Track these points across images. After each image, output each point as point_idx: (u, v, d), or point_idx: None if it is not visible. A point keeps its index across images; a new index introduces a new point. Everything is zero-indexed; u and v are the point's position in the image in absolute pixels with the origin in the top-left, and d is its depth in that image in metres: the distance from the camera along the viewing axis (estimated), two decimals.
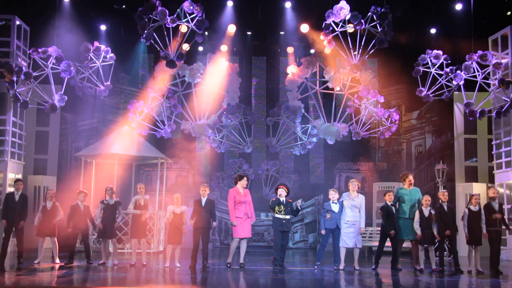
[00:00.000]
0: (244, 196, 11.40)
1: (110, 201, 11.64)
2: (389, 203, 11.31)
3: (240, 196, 11.37)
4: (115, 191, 11.95)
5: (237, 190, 11.44)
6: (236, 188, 11.49)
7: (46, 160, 16.45)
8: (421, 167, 18.59)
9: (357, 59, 15.00)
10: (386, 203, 11.35)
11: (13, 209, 11.33)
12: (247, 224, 11.37)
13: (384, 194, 11.57)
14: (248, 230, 11.38)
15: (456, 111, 16.27)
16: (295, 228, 17.27)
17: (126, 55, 17.83)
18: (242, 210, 11.32)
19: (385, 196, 11.42)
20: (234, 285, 9.44)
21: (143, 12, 13.82)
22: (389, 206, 11.30)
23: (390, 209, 11.28)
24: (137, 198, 11.56)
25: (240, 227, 11.28)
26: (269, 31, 17.70)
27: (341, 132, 17.03)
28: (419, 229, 10.98)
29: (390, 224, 11.22)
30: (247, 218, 11.36)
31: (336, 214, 11.16)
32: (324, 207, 11.38)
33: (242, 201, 11.33)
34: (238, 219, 11.26)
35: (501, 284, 9.83)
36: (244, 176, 11.65)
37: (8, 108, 14.66)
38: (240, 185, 11.48)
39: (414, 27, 16.74)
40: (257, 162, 18.83)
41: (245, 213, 11.32)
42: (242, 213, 11.30)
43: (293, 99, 17.66)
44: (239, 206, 11.31)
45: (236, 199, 11.31)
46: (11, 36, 14.72)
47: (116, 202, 11.67)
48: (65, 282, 9.40)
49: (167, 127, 16.59)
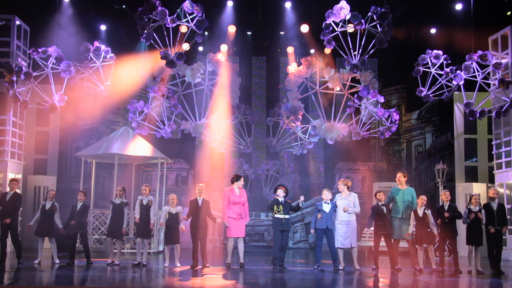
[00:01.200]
0: (238, 197, 11.42)
1: (116, 201, 11.65)
2: (380, 203, 11.29)
3: (234, 196, 11.39)
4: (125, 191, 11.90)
5: (232, 190, 11.46)
6: (232, 188, 11.51)
7: (46, 160, 16.45)
8: (421, 167, 18.59)
9: (357, 59, 15.00)
10: (377, 203, 11.33)
11: (5, 208, 11.41)
12: (241, 224, 11.38)
13: (375, 193, 11.54)
14: (241, 230, 11.39)
15: (456, 111, 16.27)
16: (295, 228, 17.27)
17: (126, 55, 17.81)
18: (235, 211, 11.32)
19: (376, 195, 11.40)
20: (234, 285, 9.43)
21: (143, 12, 13.81)
22: (379, 206, 11.28)
23: (380, 209, 11.24)
24: (140, 199, 11.57)
25: (234, 227, 11.30)
26: (269, 31, 17.70)
27: (341, 132, 17.03)
28: (412, 228, 10.98)
29: (380, 224, 11.19)
30: (241, 218, 11.36)
31: (327, 214, 11.12)
32: (316, 207, 11.37)
33: (237, 201, 11.35)
34: (231, 219, 11.30)
35: (501, 284, 9.83)
36: (241, 177, 11.68)
37: (8, 108, 14.66)
38: (236, 185, 11.50)
39: (414, 27, 16.74)
40: (257, 162, 18.83)
41: (238, 214, 11.33)
42: (236, 213, 11.32)
43: (293, 99, 17.66)
44: (232, 206, 11.33)
45: (230, 199, 11.35)
46: (11, 36, 14.73)
47: (122, 202, 11.66)
48: (65, 282, 9.39)
49: (167, 127, 16.58)
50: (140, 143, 14.91)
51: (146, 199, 11.54)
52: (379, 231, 11.24)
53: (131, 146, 14.52)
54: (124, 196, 11.74)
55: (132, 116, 16.30)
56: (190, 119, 17.16)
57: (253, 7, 16.48)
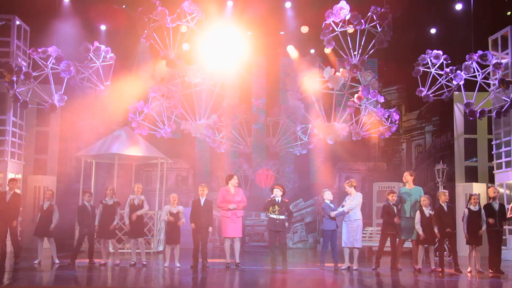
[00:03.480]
0: (233, 196, 11.43)
1: (109, 201, 11.65)
2: (391, 203, 11.30)
3: (229, 195, 11.41)
4: (115, 191, 11.93)
5: (227, 190, 11.50)
6: (227, 187, 11.54)
7: (46, 160, 16.44)
8: (421, 167, 18.58)
9: (357, 59, 15.00)
10: (388, 202, 11.34)
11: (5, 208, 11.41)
12: (238, 224, 11.39)
13: (387, 193, 11.54)
14: (238, 230, 11.40)
15: (456, 111, 16.27)
16: (295, 228, 17.27)
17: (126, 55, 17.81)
18: (230, 210, 11.32)
19: (388, 195, 11.41)
20: (234, 285, 9.44)
21: (143, 12, 13.81)
22: (390, 206, 11.29)
23: (391, 209, 11.26)
24: (132, 198, 11.56)
25: (229, 227, 11.31)
26: (269, 31, 17.69)
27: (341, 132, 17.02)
28: (420, 229, 10.96)
29: (390, 224, 11.21)
30: (236, 217, 11.36)
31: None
32: (324, 209, 11.30)
33: (232, 200, 11.36)
34: (226, 219, 11.31)
35: (501, 284, 9.83)
36: (234, 175, 11.74)
37: (8, 108, 14.67)
38: (231, 184, 11.52)
39: (414, 27, 16.73)
40: (257, 162, 18.83)
41: (233, 213, 11.33)
42: (230, 212, 11.32)
43: (293, 99, 17.65)
44: (225, 205, 11.35)
45: (225, 198, 11.38)
46: (11, 36, 14.73)
47: (115, 202, 11.67)
48: (65, 282, 9.40)
49: (167, 127, 16.58)
50: (140, 143, 14.91)
51: (137, 199, 11.54)
52: (387, 231, 11.25)
53: (131, 146, 14.52)
54: (115, 196, 11.74)
55: (132, 116, 16.29)
56: (190, 119, 17.16)
57: (253, 7, 16.46)
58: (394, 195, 11.32)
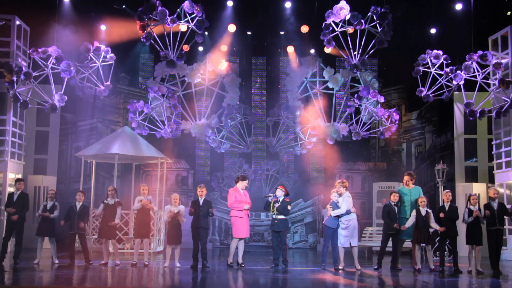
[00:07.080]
0: (244, 196, 11.47)
1: (110, 201, 11.64)
2: (393, 203, 11.29)
3: (240, 196, 11.44)
4: (116, 191, 11.91)
5: (237, 190, 11.51)
6: (236, 188, 11.53)
7: (46, 160, 16.43)
8: (421, 167, 18.59)
9: (357, 59, 14.99)
10: (389, 202, 11.34)
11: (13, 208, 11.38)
12: (248, 224, 11.50)
13: (390, 193, 11.55)
14: (247, 231, 11.51)
15: (456, 111, 16.26)
16: (295, 228, 17.26)
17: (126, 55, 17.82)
18: (244, 210, 11.36)
19: (390, 195, 11.41)
20: (234, 285, 9.44)
21: (143, 12, 13.81)
22: (391, 206, 11.29)
23: (392, 209, 11.26)
24: (140, 199, 11.55)
25: (241, 227, 11.33)
26: (269, 31, 17.70)
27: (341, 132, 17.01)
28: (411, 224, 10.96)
29: (391, 224, 11.20)
30: (248, 218, 11.48)
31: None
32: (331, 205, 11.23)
33: (243, 201, 11.39)
34: (239, 219, 11.30)
35: (501, 284, 9.83)
36: (247, 179, 11.76)
37: (8, 108, 14.67)
38: (240, 186, 11.52)
39: (414, 27, 16.73)
40: (257, 162, 18.83)
41: (245, 213, 11.38)
42: (243, 213, 11.34)
43: (293, 99, 17.65)
44: (240, 205, 11.35)
45: (237, 198, 11.38)
46: (11, 36, 14.72)
47: (116, 202, 11.67)
48: (65, 282, 9.39)
49: (167, 127, 16.58)
50: (140, 143, 14.90)
51: (145, 199, 11.54)
52: (389, 231, 11.24)
53: (131, 146, 14.51)
54: (116, 195, 11.74)
55: (132, 116, 16.29)
56: (190, 119, 17.16)
57: (253, 7, 16.48)
58: (396, 195, 11.32)
